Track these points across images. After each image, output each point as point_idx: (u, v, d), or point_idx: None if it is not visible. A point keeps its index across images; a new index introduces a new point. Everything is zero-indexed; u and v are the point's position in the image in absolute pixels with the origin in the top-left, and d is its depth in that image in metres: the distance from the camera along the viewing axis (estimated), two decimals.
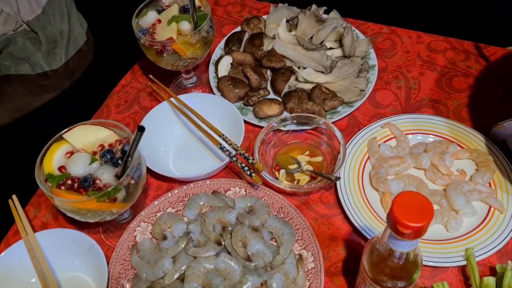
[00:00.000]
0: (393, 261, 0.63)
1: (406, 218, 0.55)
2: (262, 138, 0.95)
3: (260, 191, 0.91)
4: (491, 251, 0.81)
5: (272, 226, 0.86)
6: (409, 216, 0.55)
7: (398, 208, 0.55)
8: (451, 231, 0.85)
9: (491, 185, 0.89)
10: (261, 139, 0.95)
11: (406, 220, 0.55)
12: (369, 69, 1.09)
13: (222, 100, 1.02)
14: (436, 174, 0.91)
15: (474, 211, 0.86)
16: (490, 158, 0.91)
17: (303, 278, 0.81)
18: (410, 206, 0.56)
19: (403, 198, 0.56)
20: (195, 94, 1.04)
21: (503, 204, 0.86)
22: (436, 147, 0.94)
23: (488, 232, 0.84)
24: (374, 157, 0.94)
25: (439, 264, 0.81)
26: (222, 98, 1.02)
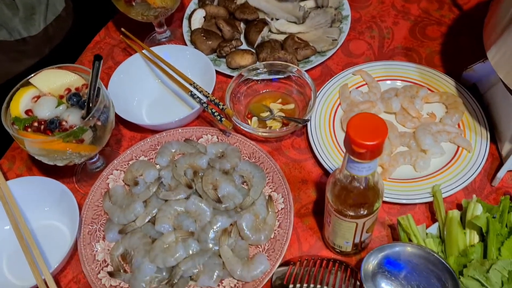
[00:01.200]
0: (354, 188, 0.64)
1: (361, 137, 0.55)
2: (233, 86, 0.95)
3: (232, 138, 0.92)
4: (458, 188, 0.82)
5: (243, 170, 0.87)
6: (363, 135, 0.55)
7: (353, 129, 0.56)
8: (419, 171, 0.86)
9: (460, 126, 0.90)
10: (232, 87, 0.95)
11: (361, 139, 0.55)
12: (343, 19, 1.09)
13: (193, 50, 1.02)
14: (406, 117, 0.92)
15: (442, 151, 0.87)
16: (459, 100, 0.92)
17: (272, 218, 0.82)
18: (365, 127, 0.56)
19: (357, 120, 0.57)
20: (167, 46, 1.03)
21: (471, 143, 0.87)
22: (406, 92, 0.94)
23: (455, 170, 0.85)
24: (345, 102, 0.95)
25: (407, 201, 0.82)
26: (193, 49, 1.02)
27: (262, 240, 0.80)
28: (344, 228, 0.70)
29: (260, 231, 0.80)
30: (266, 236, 0.80)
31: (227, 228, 0.80)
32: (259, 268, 0.76)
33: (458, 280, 0.65)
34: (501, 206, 0.74)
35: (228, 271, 0.76)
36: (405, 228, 0.76)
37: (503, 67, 0.75)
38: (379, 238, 0.81)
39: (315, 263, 0.77)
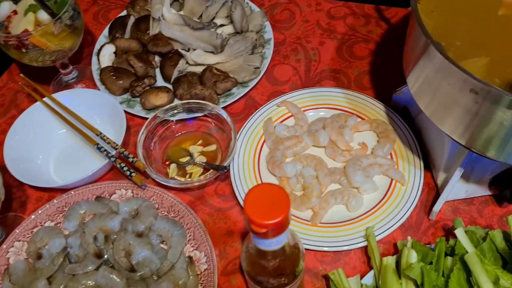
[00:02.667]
0: (269, 260, 0.56)
1: (260, 216, 0.48)
2: (145, 133, 0.86)
3: (148, 191, 0.83)
4: (393, 227, 0.76)
5: (161, 228, 0.78)
6: (262, 213, 0.48)
7: (251, 206, 0.48)
8: (352, 211, 0.79)
9: (393, 156, 0.84)
10: (144, 134, 0.86)
11: (260, 218, 0.47)
12: (265, 43, 1.02)
13: (99, 93, 0.92)
14: (335, 150, 0.85)
15: (374, 186, 0.81)
16: (389, 127, 0.86)
17: (194, 282, 0.73)
18: (264, 202, 0.48)
19: (255, 194, 0.49)
20: (71, 90, 0.94)
21: (404, 175, 0.81)
22: (334, 122, 0.88)
23: (389, 207, 0.79)
24: (270, 139, 0.87)
25: (341, 248, 0.75)
26: (99, 92, 0.93)
27: None
28: None
29: None
30: None
31: None
32: None
33: None
34: (437, 250, 0.68)
35: None
36: (336, 284, 0.69)
37: (422, 98, 0.69)
38: None
39: None
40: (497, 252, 0.68)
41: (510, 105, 0.56)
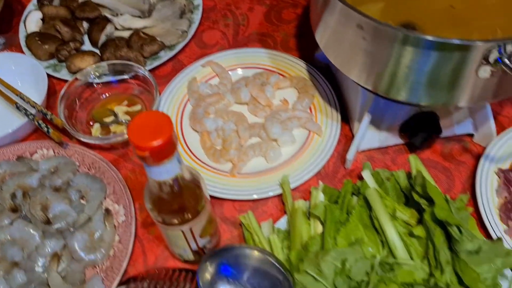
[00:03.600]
0: (167, 194, 0.57)
1: (142, 140, 0.49)
2: (67, 93, 0.86)
3: (69, 150, 0.83)
4: (309, 175, 0.79)
5: (79, 184, 0.79)
6: (144, 137, 0.49)
7: (134, 131, 0.49)
8: (270, 162, 0.81)
9: (312, 110, 0.86)
10: (65, 94, 0.86)
11: (141, 141, 0.48)
12: (194, 9, 1.03)
13: (20, 57, 0.92)
14: (257, 106, 0.87)
15: (292, 138, 0.83)
16: (309, 82, 0.88)
17: (110, 233, 0.74)
18: (146, 127, 0.49)
19: (139, 120, 0.50)
20: None
21: (321, 127, 0.83)
22: (256, 79, 0.89)
23: (306, 157, 0.81)
24: (193, 97, 0.89)
25: (257, 196, 0.77)
26: (20, 55, 0.92)
27: (99, 259, 0.72)
28: (172, 236, 0.64)
29: (96, 250, 0.72)
30: (103, 254, 0.72)
31: (57, 252, 0.71)
32: None
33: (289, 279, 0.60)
34: (343, 191, 0.70)
35: None
36: (247, 227, 0.71)
37: (330, 50, 0.71)
38: (230, 240, 0.76)
39: (160, 276, 0.70)
40: (401, 191, 0.71)
41: (400, 41, 0.58)
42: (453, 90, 0.63)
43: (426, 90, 0.64)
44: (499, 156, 0.79)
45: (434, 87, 0.63)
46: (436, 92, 0.64)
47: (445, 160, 0.82)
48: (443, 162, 0.82)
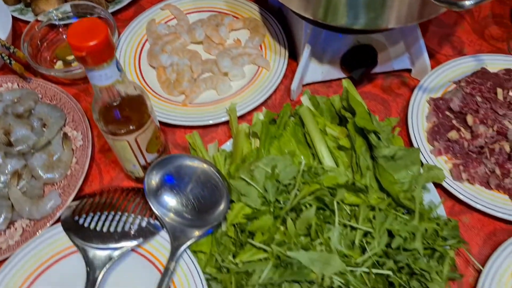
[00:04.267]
0: (110, 102, 0.63)
1: (78, 40, 0.54)
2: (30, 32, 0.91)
3: (33, 83, 0.88)
4: (255, 104, 0.84)
5: (41, 112, 0.84)
6: (81, 38, 0.54)
7: (72, 35, 0.54)
8: (221, 94, 0.87)
9: (262, 48, 0.92)
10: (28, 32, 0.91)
11: (78, 42, 0.54)
12: None
13: None
14: (211, 44, 0.92)
15: (242, 73, 0.88)
16: (260, 22, 0.94)
17: (68, 155, 0.80)
18: (84, 31, 0.55)
19: (77, 26, 0.55)
20: None
21: (270, 62, 0.89)
22: (211, 20, 0.95)
23: (254, 88, 0.86)
24: (151, 37, 0.94)
25: (206, 123, 0.83)
26: None
27: (56, 178, 0.78)
28: (119, 148, 0.70)
29: (54, 170, 0.78)
30: (61, 173, 0.78)
31: (18, 170, 0.77)
32: (48, 204, 0.74)
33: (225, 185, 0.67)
34: (281, 112, 0.76)
35: (17, 212, 0.74)
36: (193, 145, 0.77)
37: None
38: None
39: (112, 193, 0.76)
40: (336, 114, 0.77)
41: None
42: (382, 9, 0.67)
43: (358, 11, 0.68)
44: (432, 87, 0.85)
45: (366, 7, 0.67)
46: (367, 13, 0.68)
47: (384, 93, 0.88)
48: (382, 94, 0.88)
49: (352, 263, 0.61)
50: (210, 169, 0.69)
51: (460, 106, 0.81)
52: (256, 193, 0.65)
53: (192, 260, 0.67)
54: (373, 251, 0.61)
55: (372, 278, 0.61)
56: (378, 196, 0.67)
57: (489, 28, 0.96)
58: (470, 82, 0.84)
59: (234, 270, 0.63)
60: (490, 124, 0.78)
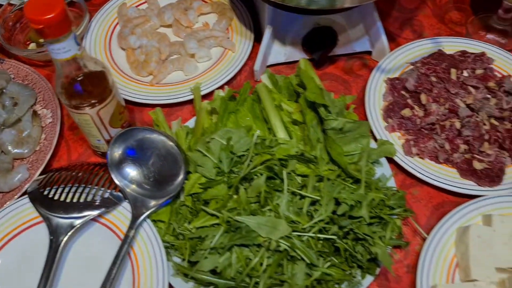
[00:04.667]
0: (70, 76, 0.66)
1: (35, 14, 0.57)
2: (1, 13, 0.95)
3: (5, 64, 0.91)
4: (219, 83, 0.87)
5: (12, 91, 0.87)
6: (38, 12, 0.57)
7: (29, 9, 0.57)
8: (187, 75, 0.90)
9: (229, 31, 0.95)
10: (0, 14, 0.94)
11: (35, 15, 0.57)
12: None
13: None
14: (179, 28, 0.95)
15: (209, 54, 0.91)
16: (227, 6, 0.97)
17: (37, 132, 0.83)
18: (41, 5, 0.58)
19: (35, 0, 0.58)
20: None
21: (236, 44, 0.92)
22: (180, 4, 0.98)
23: (219, 69, 0.89)
24: (122, 20, 0.97)
25: (172, 101, 0.86)
26: None
27: (25, 153, 0.81)
28: (83, 123, 0.73)
29: (24, 145, 0.81)
30: (30, 149, 0.81)
31: None
32: (16, 177, 0.77)
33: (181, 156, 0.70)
34: (241, 90, 0.79)
35: None
36: (156, 121, 0.80)
37: None
38: None
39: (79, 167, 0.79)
40: (294, 92, 0.80)
41: None
42: None
43: None
44: (390, 68, 0.88)
45: None
46: None
47: (346, 74, 0.92)
48: (344, 75, 0.91)
49: (299, 228, 0.64)
50: (169, 142, 0.72)
51: (415, 86, 0.84)
52: (211, 164, 0.69)
53: (151, 229, 0.70)
54: (319, 218, 0.65)
55: (319, 243, 0.65)
56: (329, 167, 0.71)
57: (450, 13, 1.00)
58: (426, 63, 0.87)
59: (188, 236, 0.66)
60: (442, 102, 0.82)
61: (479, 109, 0.81)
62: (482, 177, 0.75)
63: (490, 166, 0.76)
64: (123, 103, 0.77)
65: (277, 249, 0.63)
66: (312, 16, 0.85)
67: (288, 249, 0.63)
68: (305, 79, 0.71)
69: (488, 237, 0.68)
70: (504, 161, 0.77)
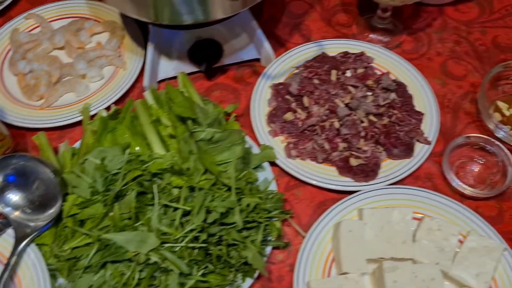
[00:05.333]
0: None
1: None
2: None
3: None
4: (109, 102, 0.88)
5: None
6: None
7: None
8: (79, 95, 0.91)
9: (121, 49, 0.96)
10: None
11: None
12: None
13: None
14: (72, 49, 0.96)
15: (100, 74, 0.93)
16: (118, 24, 0.98)
17: None
18: None
19: None
20: None
21: (126, 62, 0.94)
22: (71, 26, 0.98)
23: (111, 87, 0.91)
24: (14, 45, 0.97)
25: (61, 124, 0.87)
26: None
27: None
28: None
29: None
30: None
31: None
32: None
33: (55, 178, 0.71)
34: (124, 108, 0.81)
35: None
36: (40, 146, 0.81)
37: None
38: None
39: None
40: None
41: None
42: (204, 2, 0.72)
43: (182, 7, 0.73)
44: (276, 73, 0.91)
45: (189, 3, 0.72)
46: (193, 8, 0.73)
47: (236, 83, 0.94)
48: (234, 84, 0.94)
49: (171, 240, 0.66)
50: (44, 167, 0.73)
51: (298, 90, 0.87)
52: (86, 184, 0.70)
53: (35, 253, 0.71)
54: (190, 227, 0.67)
55: (194, 252, 0.67)
56: (206, 177, 0.73)
57: (337, 15, 1.03)
58: (309, 66, 0.90)
59: (65, 257, 0.67)
60: (322, 103, 0.85)
61: (357, 107, 0.84)
62: (357, 173, 0.78)
63: (366, 162, 0.79)
64: (5, 130, 0.78)
65: (148, 262, 0.65)
66: (192, 30, 0.87)
67: (159, 261, 0.64)
68: (172, 94, 0.73)
69: (359, 230, 0.72)
70: (380, 155, 0.81)
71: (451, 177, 0.79)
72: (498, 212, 0.78)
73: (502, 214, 0.78)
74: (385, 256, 0.70)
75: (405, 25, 1.00)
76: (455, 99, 0.91)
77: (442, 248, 0.71)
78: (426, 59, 0.96)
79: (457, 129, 0.87)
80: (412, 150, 0.81)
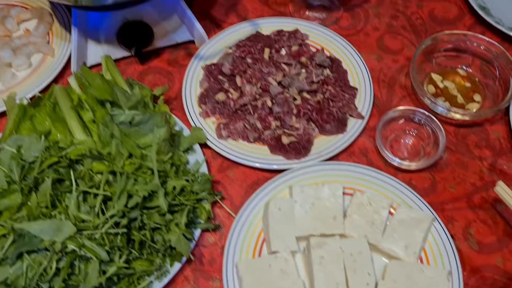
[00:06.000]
0: None
1: None
2: None
3: None
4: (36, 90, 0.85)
5: None
6: None
7: None
8: (6, 84, 0.87)
9: (49, 36, 0.93)
10: None
11: None
12: None
13: None
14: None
15: (27, 62, 0.89)
16: (46, 11, 0.95)
17: None
18: None
19: None
20: None
21: (54, 49, 0.90)
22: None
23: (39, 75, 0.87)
24: None
25: None
26: None
27: None
28: None
29: None
30: None
31: None
32: None
33: None
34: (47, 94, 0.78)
35: None
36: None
37: None
38: None
39: None
40: None
41: None
42: None
43: None
44: (209, 54, 0.89)
45: None
46: None
47: (170, 66, 0.92)
48: (168, 67, 0.91)
49: (91, 227, 0.64)
50: None
51: (231, 69, 0.85)
52: (2, 174, 0.67)
53: None
54: (111, 213, 0.64)
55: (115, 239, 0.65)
56: (131, 161, 0.70)
57: None
58: (242, 45, 0.88)
59: None
60: (255, 82, 0.83)
61: (289, 85, 0.83)
62: (289, 150, 0.77)
63: (298, 139, 0.78)
64: None
65: (66, 251, 0.62)
66: (118, 12, 0.85)
67: (76, 249, 0.62)
68: (89, 77, 0.71)
69: (288, 208, 0.70)
70: (312, 132, 0.79)
71: (383, 150, 0.78)
72: (431, 183, 0.78)
73: (435, 185, 0.78)
74: (315, 233, 0.69)
75: (342, 2, 0.99)
76: (391, 73, 0.90)
77: (372, 221, 0.70)
78: (363, 34, 0.95)
79: (392, 103, 0.86)
80: (345, 125, 0.80)
